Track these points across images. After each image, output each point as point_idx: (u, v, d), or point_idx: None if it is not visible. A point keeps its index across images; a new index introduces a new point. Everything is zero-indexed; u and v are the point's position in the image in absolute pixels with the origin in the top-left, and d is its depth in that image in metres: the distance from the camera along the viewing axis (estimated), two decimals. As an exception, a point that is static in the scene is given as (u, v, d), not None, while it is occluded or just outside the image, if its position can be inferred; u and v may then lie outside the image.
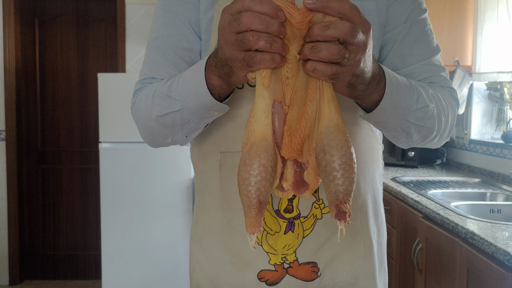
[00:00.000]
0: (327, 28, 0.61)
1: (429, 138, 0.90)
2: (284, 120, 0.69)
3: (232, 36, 0.63)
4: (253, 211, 0.68)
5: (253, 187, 0.67)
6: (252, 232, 0.68)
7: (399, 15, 0.94)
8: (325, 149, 0.66)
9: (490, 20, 2.75)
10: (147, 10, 3.75)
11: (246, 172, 0.68)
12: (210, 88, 0.75)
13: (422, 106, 0.82)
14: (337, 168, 0.66)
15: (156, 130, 0.89)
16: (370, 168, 0.96)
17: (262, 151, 0.67)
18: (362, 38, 0.63)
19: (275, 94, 0.68)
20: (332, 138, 0.67)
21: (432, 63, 0.95)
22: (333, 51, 0.62)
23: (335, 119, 0.68)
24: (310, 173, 0.70)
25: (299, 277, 0.90)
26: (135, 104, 0.94)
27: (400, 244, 2.41)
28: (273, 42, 0.62)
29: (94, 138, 3.87)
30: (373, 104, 0.77)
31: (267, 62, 0.63)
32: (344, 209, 0.67)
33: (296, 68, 0.67)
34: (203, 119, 0.83)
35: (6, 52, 3.70)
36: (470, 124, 3.07)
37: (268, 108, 0.68)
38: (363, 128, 0.94)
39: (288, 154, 0.69)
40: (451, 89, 0.96)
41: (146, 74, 0.95)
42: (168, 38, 0.94)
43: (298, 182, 0.72)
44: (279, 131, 0.69)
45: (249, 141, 0.68)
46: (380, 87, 0.75)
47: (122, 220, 3.14)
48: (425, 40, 0.95)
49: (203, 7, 0.93)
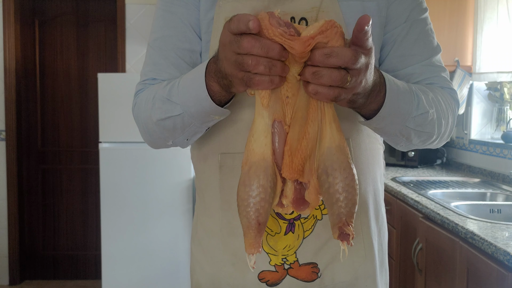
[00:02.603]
0: (329, 56, 0.60)
1: (429, 141, 0.90)
2: (285, 139, 0.68)
3: (232, 55, 0.63)
4: (252, 232, 0.68)
5: (252, 208, 0.67)
6: (251, 253, 0.68)
7: (399, 15, 0.93)
8: (328, 171, 0.66)
9: (490, 20, 2.75)
10: (147, 10, 3.75)
11: (245, 193, 0.67)
12: (210, 94, 0.75)
13: (422, 112, 0.82)
14: (340, 191, 0.66)
15: (157, 133, 0.89)
16: (371, 169, 0.96)
17: (261, 171, 0.67)
18: (364, 62, 0.63)
19: (275, 113, 0.67)
20: (335, 160, 0.66)
21: (432, 63, 0.95)
22: (336, 78, 0.61)
23: (337, 140, 0.67)
24: (312, 192, 0.70)
25: (300, 277, 0.90)
26: (136, 106, 0.94)
27: (400, 244, 2.41)
28: (273, 66, 0.61)
29: (94, 138, 3.87)
30: (373, 112, 0.77)
31: (266, 84, 0.63)
32: (347, 231, 0.67)
33: (297, 88, 0.66)
34: (204, 123, 0.83)
35: (6, 52, 3.70)
36: (470, 124, 3.07)
37: (267, 128, 0.67)
38: (364, 129, 0.94)
39: (289, 175, 0.69)
40: (451, 90, 0.95)
41: (147, 75, 0.95)
42: (169, 39, 0.94)
43: (298, 199, 0.71)
44: (279, 151, 0.68)
45: (248, 161, 0.68)
46: (380, 96, 0.75)
47: (122, 220, 3.14)
48: (426, 40, 0.95)
49: (203, 7, 0.92)
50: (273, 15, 0.60)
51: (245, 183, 0.68)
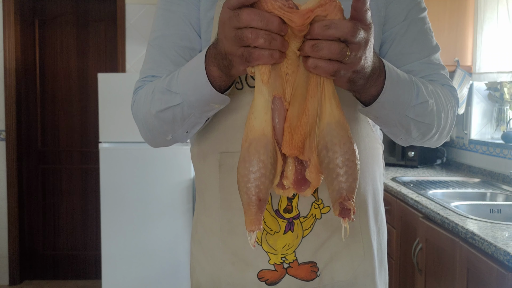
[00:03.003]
0: (328, 27, 0.61)
1: (429, 135, 0.89)
2: (285, 116, 0.68)
3: (231, 32, 0.63)
4: (253, 209, 0.67)
5: (252, 184, 0.66)
6: (252, 230, 0.67)
7: (398, 14, 0.93)
8: (328, 146, 0.66)
9: (490, 20, 2.75)
10: (147, 10, 3.75)
11: (245, 169, 0.67)
12: (210, 79, 0.75)
13: (421, 102, 0.82)
14: (340, 165, 0.65)
15: (156, 127, 0.89)
16: (370, 168, 0.96)
17: (261, 147, 0.66)
18: (364, 36, 0.63)
19: (274, 90, 0.67)
20: (335, 135, 0.66)
21: (431, 61, 0.94)
22: (334, 50, 0.62)
23: (336, 115, 0.67)
24: (312, 171, 0.69)
25: (299, 277, 0.90)
26: (135, 103, 0.94)
27: (400, 244, 2.41)
28: (272, 40, 0.61)
29: (94, 138, 3.87)
30: (372, 98, 0.76)
31: (266, 58, 0.63)
32: (348, 206, 0.66)
33: (296, 64, 0.67)
34: (203, 112, 0.82)
35: (6, 52, 3.70)
36: (470, 124, 3.07)
37: (267, 104, 0.67)
38: (363, 128, 0.94)
39: (289, 151, 0.68)
40: (451, 87, 0.95)
41: (147, 73, 0.95)
42: (169, 37, 0.94)
43: (299, 180, 0.71)
44: (279, 128, 0.68)
45: (248, 137, 0.68)
46: (379, 81, 0.74)
47: (122, 220, 3.14)
48: (424, 39, 0.95)
49: (203, 7, 0.93)
50: None
51: (245, 159, 0.67)
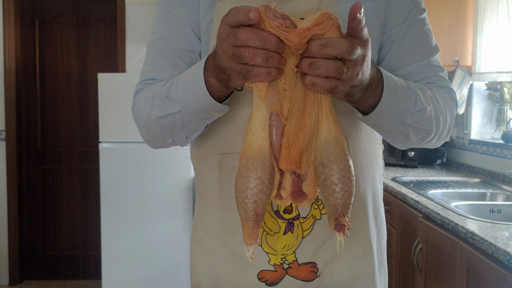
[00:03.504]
0: (325, 47, 0.61)
1: (427, 139, 0.90)
2: (282, 132, 0.69)
3: (229, 49, 0.63)
4: (250, 224, 0.69)
5: (250, 199, 0.68)
6: (249, 244, 0.69)
7: (398, 15, 0.93)
8: (324, 163, 0.67)
9: (490, 20, 2.75)
10: (147, 10, 3.75)
11: (243, 185, 0.68)
12: (209, 90, 0.75)
13: (419, 109, 0.82)
14: (336, 182, 0.67)
15: (156, 131, 0.89)
16: (369, 168, 0.96)
17: (259, 163, 0.68)
18: (361, 53, 0.63)
19: (272, 106, 0.68)
20: (331, 151, 0.67)
21: (430, 63, 0.95)
22: (331, 68, 0.62)
23: (333, 132, 0.68)
24: (309, 184, 0.71)
25: (299, 277, 0.90)
26: (136, 105, 0.94)
27: (400, 244, 2.41)
28: (270, 58, 0.62)
29: (94, 138, 3.87)
30: (370, 107, 0.77)
31: (263, 76, 0.64)
32: (343, 222, 0.67)
33: (294, 80, 0.67)
34: (203, 120, 0.83)
35: (6, 52, 3.70)
36: (470, 124, 3.07)
37: (265, 120, 0.68)
38: (362, 129, 0.94)
39: (286, 167, 0.69)
40: (449, 89, 0.95)
41: (147, 75, 0.95)
42: (168, 39, 0.94)
43: (296, 191, 0.72)
44: (276, 144, 0.69)
45: (246, 153, 0.69)
46: (377, 91, 0.75)
47: (122, 220, 3.14)
48: (424, 40, 0.95)
49: (202, 8, 0.93)
50: (269, 8, 0.61)
51: (242, 175, 0.68)
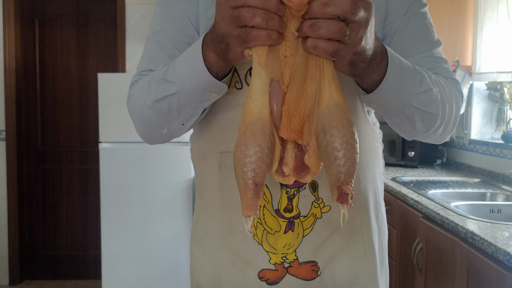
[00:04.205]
0: (326, 5, 0.60)
1: (433, 127, 0.87)
2: (283, 99, 0.66)
3: (228, 12, 0.62)
4: (249, 193, 0.65)
5: (248, 168, 0.65)
6: (248, 215, 0.66)
7: (398, 9, 0.93)
8: (326, 129, 0.64)
9: (490, 20, 2.75)
10: (147, 10, 3.75)
11: (241, 152, 0.65)
12: (207, 66, 0.74)
13: (425, 90, 0.80)
14: (338, 148, 0.64)
15: (152, 119, 0.87)
16: (370, 167, 0.96)
17: (257, 130, 0.65)
18: (364, 15, 0.62)
19: (272, 73, 0.65)
20: (333, 117, 0.64)
21: (433, 55, 0.93)
22: (334, 29, 0.60)
23: (336, 98, 0.65)
24: (311, 156, 0.68)
25: (300, 276, 0.90)
26: (131, 97, 0.92)
27: (400, 244, 2.41)
28: (270, 19, 0.60)
29: (94, 138, 3.87)
30: (374, 84, 0.75)
31: (263, 38, 0.62)
32: (346, 190, 0.64)
33: (295, 47, 0.65)
34: (200, 102, 0.81)
35: (6, 52, 3.70)
36: (470, 124, 3.07)
37: (265, 87, 0.65)
38: (363, 127, 0.94)
39: (287, 135, 0.66)
40: (454, 80, 0.94)
41: (144, 67, 0.94)
42: (167, 32, 0.93)
43: (299, 166, 0.69)
44: (277, 111, 0.66)
45: (245, 121, 0.66)
46: (381, 66, 0.73)
47: (122, 220, 3.14)
48: (425, 33, 0.94)
49: (202, 5, 0.92)
50: None
51: (241, 143, 0.66)
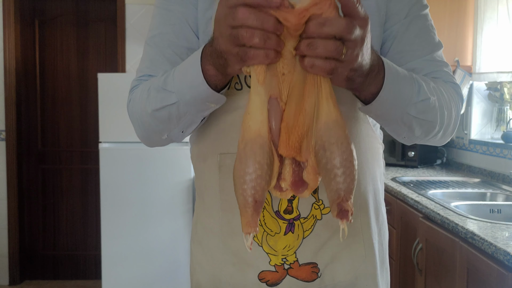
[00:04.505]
0: (323, 25, 0.60)
1: (432, 132, 0.87)
2: (281, 116, 0.66)
3: (226, 30, 0.62)
4: (249, 211, 0.66)
5: (248, 185, 0.65)
6: (248, 232, 0.66)
7: (399, 11, 0.93)
8: (325, 146, 0.65)
9: (490, 20, 2.75)
10: (147, 10, 3.75)
11: (241, 170, 0.66)
12: (206, 78, 0.74)
13: (423, 99, 0.80)
14: (338, 166, 0.64)
15: (152, 126, 0.88)
16: (370, 168, 0.96)
17: (257, 148, 0.65)
18: (360, 33, 0.62)
19: (271, 90, 0.66)
20: (332, 134, 0.65)
21: (434, 58, 0.93)
22: (330, 48, 0.61)
23: (334, 115, 0.66)
24: (310, 172, 0.68)
25: (300, 277, 0.90)
26: (131, 101, 0.93)
27: (400, 244, 2.41)
28: (268, 39, 0.61)
29: (94, 138, 3.87)
30: (372, 95, 0.75)
31: (261, 58, 0.62)
32: (346, 207, 0.65)
33: (293, 64, 0.65)
34: (199, 111, 0.81)
35: (6, 52, 3.70)
36: (470, 124, 3.07)
37: (263, 104, 0.66)
38: (363, 128, 0.94)
39: (286, 152, 0.67)
40: (454, 84, 0.94)
41: (143, 72, 0.94)
42: (166, 36, 0.93)
43: (296, 181, 0.70)
44: (275, 128, 0.66)
45: (244, 138, 0.66)
46: (378, 78, 0.73)
47: (122, 220, 3.14)
48: (426, 36, 0.94)
49: (201, 6, 0.92)
50: None
51: (241, 160, 0.66)
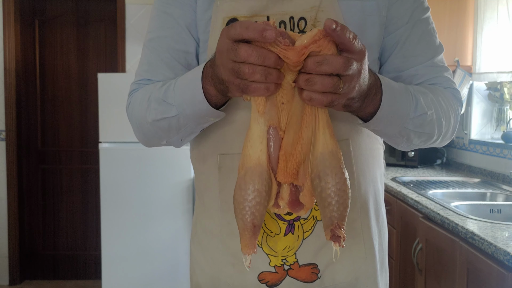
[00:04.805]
0: (320, 64, 0.62)
1: (430, 142, 0.90)
2: (280, 145, 0.71)
3: (229, 63, 0.64)
4: (248, 234, 0.71)
5: (248, 211, 0.70)
6: (247, 253, 0.71)
7: (402, 16, 0.93)
8: (321, 175, 0.69)
9: (490, 20, 2.75)
10: (147, 10, 3.75)
11: (241, 196, 0.70)
12: (206, 97, 0.76)
13: (420, 114, 0.83)
14: (332, 195, 0.69)
15: (152, 132, 0.90)
16: (371, 169, 0.96)
17: (256, 176, 0.70)
18: (357, 68, 0.65)
19: (270, 119, 0.70)
20: (327, 165, 0.69)
21: (435, 64, 0.95)
22: (328, 84, 0.63)
23: (330, 145, 0.70)
24: (306, 194, 0.73)
25: (300, 278, 0.90)
26: (131, 105, 0.95)
27: (400, 244, 2.41)
28: (269, 75, 0.63)
29: (94, 138, 3.86)
30: (370, 115, 0.78)
31: (262, 91, 0.65)
32: (338, 234, 0.69)
33: (291, 94, 0.69)
34: (199, 124, 0.84)
35: (6, 52, 3.70)
36: (470, 124, 3.07)
37: (263, 133, 0.70)
38: (363, 129, 0.94)
39: (284, 179, 0.71)
40: (454, 89, 0.95)
41: (142, 76, 0.96)
42: (164, 40, 0.94)
43: (293, 201, 0.74)
44: (274, 156, 0.71)
45: (244, 166, 0.71)
46: (376, 99, 0.76)
47: (122, 220, 3.14)
48: (428, 40, 0.95)
49: (200, 8, 0.92)
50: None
51: (241, 187, 0.71)
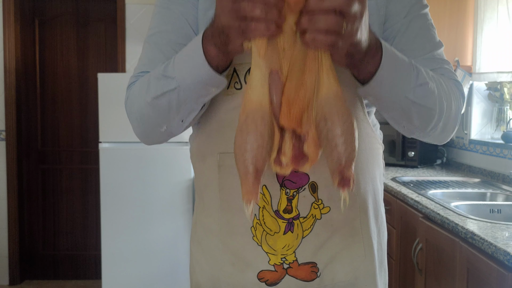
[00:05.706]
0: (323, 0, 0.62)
1: (431, 123, 0.86)
2: (282, 90, 0.68)
3: (228, 4, 0.64)
4: (250, 178, 0.67)
5: (249, 154, 0.67)
6: (249, 200, 0.67)
7: (399, 11, 0.93)
8: (326, 116, 0.67)
9: (490, 20, 2.75)
10: (147, 10, 3.75)
11: (242, 139, 0.67)
12: (207, 59, 0.75)
13: (421, 83, 0.81)
14: (340, 134, 0.66)
15: (151, 118, 0.87)
16: (370, 168, 0.96)
17: (258, 118, 0.67)
18: (358, 8, 0.65)
19: (271, 64, 0.68)
20: (333, 105, 0.67)
21: (434, 56, 0.94)
22: (331, 22, 0.63)
23: (334, 88, 0.68)
24: (310, 144, 0.70)
25: (299, 277, 0.90)
26: (129, 98, 0.92)
27: (400, 244, 2.41)
28: (269, 11, 0.63)
29: (94, 138, 3.87)
30: (370, 75, 0.76)
31: (262, 30, 0.64)
32: (347, 174, 0.67)
33: (293, 40, 0.67)
34: (200, 97, 0.82)
35: (6, 52, 3.70)
36: (470, 124, 3.07)
37: (264, 77, 0.68)
38: (363, 128, 0.94)
39: (287, 123, 0.69)
40: (456, 81, 0.94)
41: (141, 69, 0.94)
42: (165, 34, 0.93)
43: (297, 155, 0.71)
44: (277, 101, 0.68)
45: (245, 110, 0.68)
46: (376, 57, 0.75)
47: (122, 220, 3.14)
48: (427, 35, 0.94)
49: (202, 6, 0.92)
50: None
51: (242, 130, 0.68)
